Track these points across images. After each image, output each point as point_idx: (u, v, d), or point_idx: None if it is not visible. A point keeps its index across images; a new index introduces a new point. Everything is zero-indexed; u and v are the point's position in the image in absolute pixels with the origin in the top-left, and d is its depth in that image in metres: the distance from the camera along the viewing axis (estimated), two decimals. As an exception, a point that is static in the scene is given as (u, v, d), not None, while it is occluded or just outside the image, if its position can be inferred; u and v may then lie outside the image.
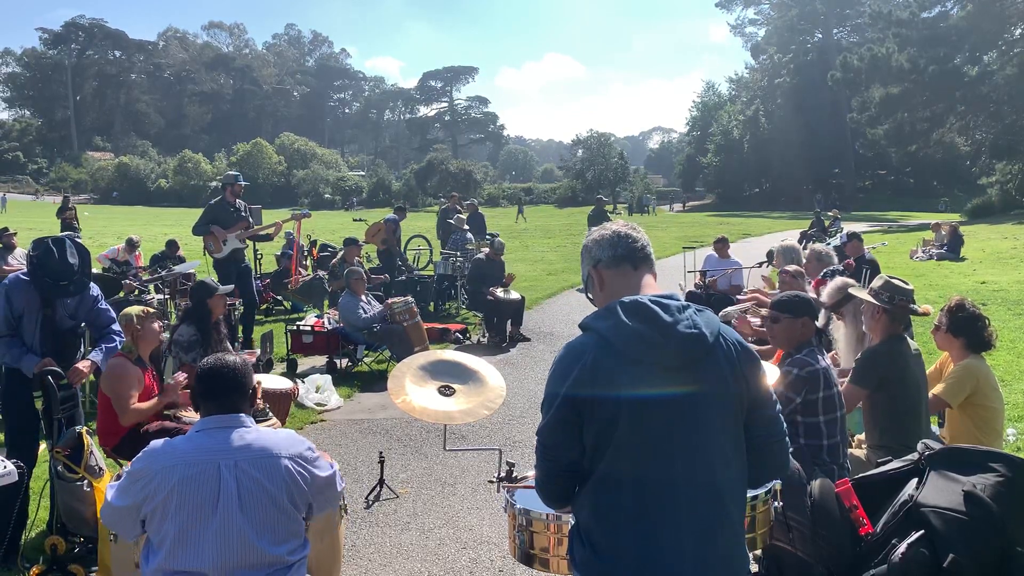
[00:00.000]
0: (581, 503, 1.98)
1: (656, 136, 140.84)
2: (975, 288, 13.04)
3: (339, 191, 68.50)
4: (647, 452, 1.88)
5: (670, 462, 1.88)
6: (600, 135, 65.01)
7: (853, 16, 58.93)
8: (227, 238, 8.79)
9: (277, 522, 2.39)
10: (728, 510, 1.92)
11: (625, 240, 2.06)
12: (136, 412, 4.40)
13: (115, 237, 22.99)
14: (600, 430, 1.89)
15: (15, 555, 3.93)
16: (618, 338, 1.89)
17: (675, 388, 1.88)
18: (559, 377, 1.94)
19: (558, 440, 1.95)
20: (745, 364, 1.96)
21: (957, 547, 2.59)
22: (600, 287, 2.07)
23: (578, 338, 2.00)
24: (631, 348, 1.88)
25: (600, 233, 2.11)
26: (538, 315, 11.97)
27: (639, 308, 1.91)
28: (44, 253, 4.08)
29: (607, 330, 1.91)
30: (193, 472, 2.33)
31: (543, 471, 2.01)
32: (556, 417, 1.93)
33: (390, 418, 6.68)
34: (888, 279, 3.96)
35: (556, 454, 1.97)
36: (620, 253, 2.04)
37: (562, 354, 1.99)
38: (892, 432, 3.74)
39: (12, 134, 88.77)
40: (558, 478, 2.00)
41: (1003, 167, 35.16)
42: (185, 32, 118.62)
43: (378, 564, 4.14)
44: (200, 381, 2.56)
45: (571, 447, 1.94)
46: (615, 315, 1.92)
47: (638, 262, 2.05)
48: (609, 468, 1.90)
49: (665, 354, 1.88)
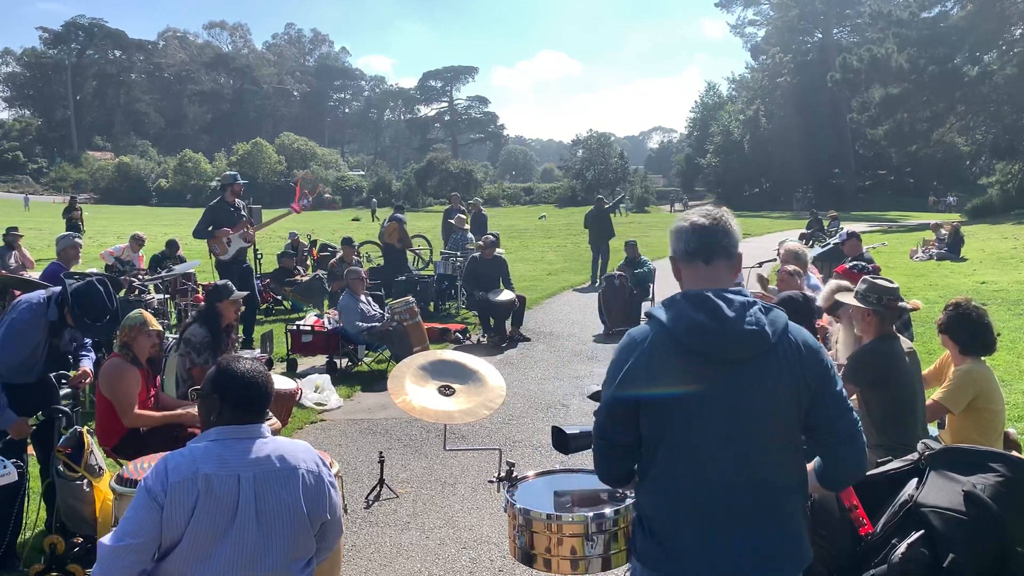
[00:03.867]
0: (642, 494, 2.05)
1: (656, 136, 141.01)
2: (975, 288, 13.04)
3: (339, 191, 68.50)
4: (700, 444, 1.91)
5: (722, 455, 1.90)
6: (600, 135, 65.13)
7: (853, 16, 58.97)
8: (231, 239, 8.80)
9: (292, 538, 2.34)
10: (779, 505, 1.94)
11: (699, 234, 2.03)
12: (141, 417, 4.39)
13: (115, 237, 23.00)
14: (655, 418, 1.94)
15: (14, 554, 3.94)
16: (678, 327, 1.92)
17: (730, 382, 1.90)
18: (618, 364, 1.98)
19: (613, 423, 2.01)
20: (809, 365, 1.94)
21: (957, 547, 2.59)
22: (678, 277, 2.10)
23: (640, 326, 2.04)
24: (690, 339, 1.90)
25: (679, 224, 2.08)
26: (538, 315, 11.97)
27: (702, 300, 1.94)
28: (91, 295, 4.17)
29: (668, 319, 1.94)
30: (213, 487, 2.25)
31: (598, 452, 2.09)
32: (612, 402, 1.99)
33: (390, 418, 6.68)
34: (872, 280, 3.95)
35: (611, 437, 2.03)
36: (692, 248, 2.03)
37: (624, 342, 2.02)
38: (889, 431, 3.74)
39: (12, 134, 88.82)
40: (613, 459, 2.07)
41: (1003, 167, 35.20)
42: (185, 32, 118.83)
43: (378, 564, 4.14)
44: (229, 388, 2.42)
45: (626, 432, 2.00)
46: (677, 305, 1.96)
47: (711, 256, 2.02)
48: (665, 459, 1.95)
49: (723, 348, 1.89)
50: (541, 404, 7.10)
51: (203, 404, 2.50)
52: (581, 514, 2.78)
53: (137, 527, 2.21)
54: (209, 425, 2.44)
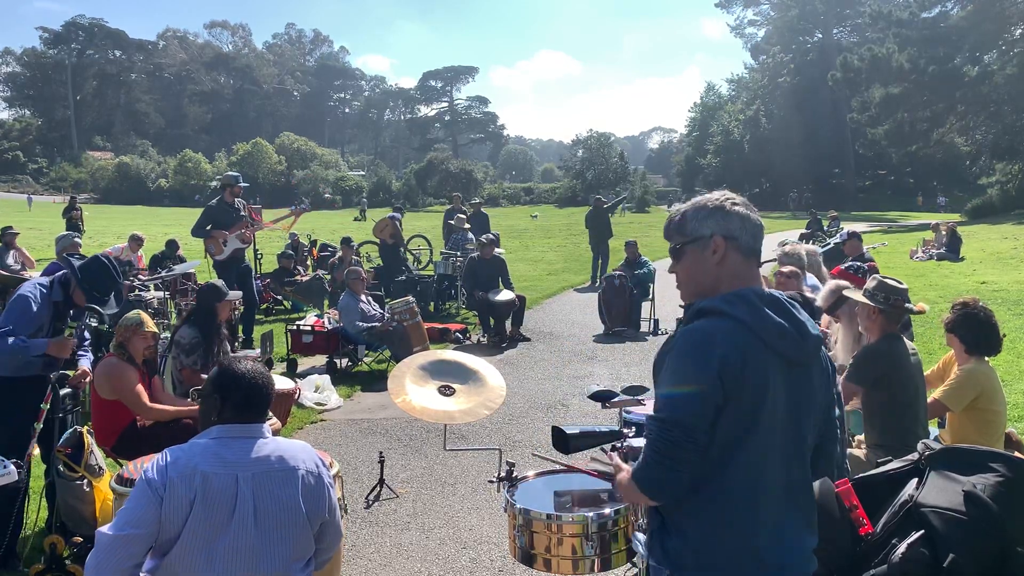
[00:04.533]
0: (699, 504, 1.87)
1: (656, 136, 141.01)
2: (975, 288, 13.04)
3: (339, 191, 68.49)
4: (775, 446, 1.86)
5: (781, 457, 1.88)
6: (600, 135, 65.08)
7: (853, 16, 58.92)
8: (227, 239, 8.80)
9: (291, 538, 2.34)
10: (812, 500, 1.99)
11: (759, 235, 1.98)
12: (158, 411, 4.40)
13: (115, 237, 22.99)
14: (740, 418, 1.80)
15: (14, 554, 3.94)
16: (761, 327, 1.83)
17: (800, 385, 1.90)
18: (701, 357, 1.79)
19: (703, 422, 1.79)
20: (832, 372, 2.04)
21: (957, 547, 2.59)
22: (720, 260, 1.92)
23: (708, 321, 1.85)
24: (775, 340, 1.83)
25: (748, 212, 1.96)
26: (538, 315, 11.97)
27: (776, 301, 1.90)
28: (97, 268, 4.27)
29: (747, 316, 1.83)
30: (211, 485, 2.25)
31: (674, 459, 1.80)
32: (701, 396, 1.78)
33: (390, 418, 6.68)
34: (881, 279, 3.96)
35: (699, 438, 1.79)
36: (757, 248, 1.98)
37: (697, 338, 1.83)
38: (890, 431, 3.75)
39: (12, 134, 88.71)
40: (690, 466, 1.81)
41: (1003, 167, 35.20)
42: (185, 32, 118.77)
43: (378, 564, 4.14)
44: (230, 388, 2.42)
45: (708, 432, 1.80)
46: (750, 303, 1.85)
47: (760, 259, 2.01)
48: (744, 464, 1.82)
49: (802, 351, 1.88)
50: (541, 404, 7.11)
51: (204, 404, 2.51)
52: (581, 514, 2.79)
53: (138, 518, 2.22)
54: (210, 425, 2.44)
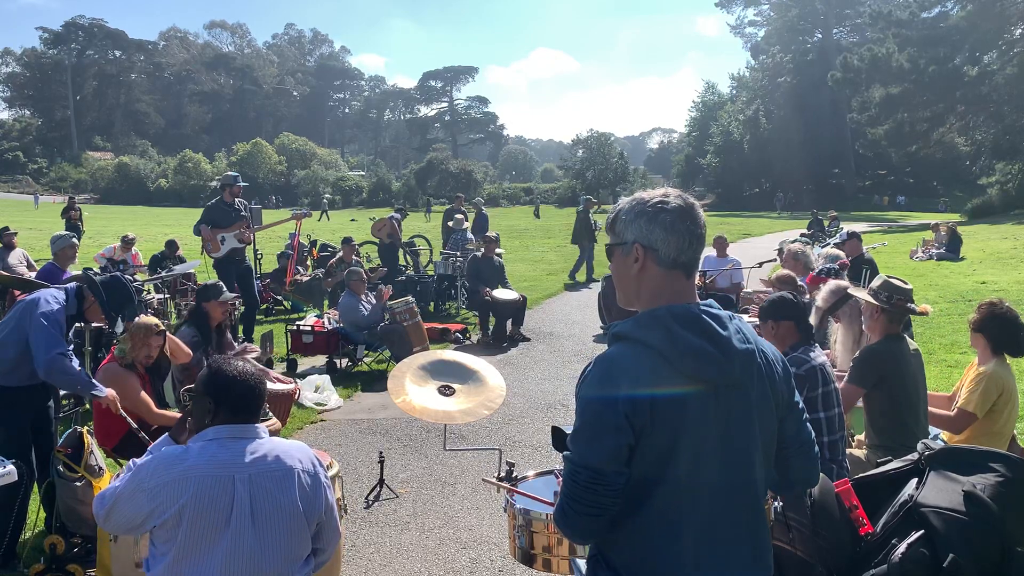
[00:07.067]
0: (620, 541, 1.73)
1: (656, 136, 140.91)
2: (975, 288, 13.04)
3: (339, 191, 68.51)
4: (705, 480, 1.69)
5: (720, 482, 1.70)
6: (600, 135, 65.13)
7: (853, 16, 58.98)
8: (224, 237, 8.80)
9: (288, 539, 2.34)
10: (764, 518, 1.82)
11: (696, 246, 1.77)
12: (163, 416, 4.41)
13: (115, 237, 22.98)
14: (655, 455, 1.65)
15: (14, 554, 3.94)
16: (673, 352, 1.65)
17: (729, 409, 1.70)
18: (608, 396, 1.65)
19: (616, 463, 1.64)
20: (783, 378, 1.84)
21: (957, 547, 2.59)
22: (640, 270, 1.76)
23: (617, 348, 1.71)
24: (688, 365, 1.65)
25: (683, 219, 1.74)
26: (538, 315, 11.97)
27: (693, 320, 1.69)
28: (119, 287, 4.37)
29: (658, 342, 1.66)
30: (207, 486, 2.25)
31: (586, 503, 1.67)
32: (609, 436, 1.63)
33: (390, 418, 6.68)
34: (887, 279, 3.97)
35: (613, 481, 1.65)
36: (683, 260, 1.75)
37: (603, 370, 1.69)
38: (891, 431, 3.75)
39: (12, 134, 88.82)
40: (607, 508, 1.67)
41: (1003, 167, 35.19)
42: (185, 32, 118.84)
43: (378, 564, 4.14)
44: (218, 388, 2.42)
45: (623, 473, 1.66)
46: (666, 325, 1.67)
47: (692, 270, 1.78)
48: (663, 501, 1.67)
49: (726, 373, 1.68)
50: (541, 404, 7.10)
51: (196, 405, 2.50)
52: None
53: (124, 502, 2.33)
54: (203, 427, 2.44)
